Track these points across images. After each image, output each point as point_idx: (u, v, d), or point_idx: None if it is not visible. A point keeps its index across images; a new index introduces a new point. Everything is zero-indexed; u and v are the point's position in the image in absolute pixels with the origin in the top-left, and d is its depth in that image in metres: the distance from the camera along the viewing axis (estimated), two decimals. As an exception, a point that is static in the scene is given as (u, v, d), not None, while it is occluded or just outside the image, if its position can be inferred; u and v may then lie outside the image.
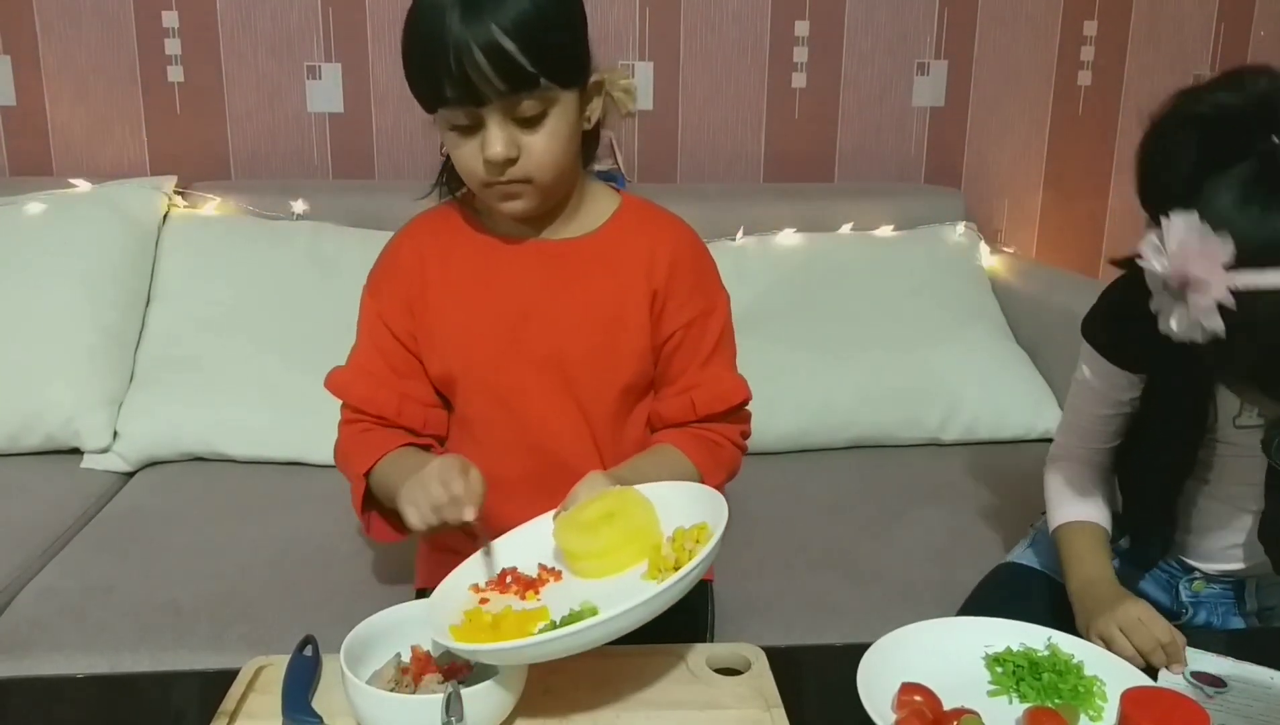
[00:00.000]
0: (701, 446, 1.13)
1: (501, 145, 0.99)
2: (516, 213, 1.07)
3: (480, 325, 1.11)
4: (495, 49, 0.95)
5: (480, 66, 0.95)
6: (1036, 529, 1.34)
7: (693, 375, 1.13)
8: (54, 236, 1.78)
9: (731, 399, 1.14)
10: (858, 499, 1.64)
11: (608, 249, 1.12)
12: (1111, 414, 1.18)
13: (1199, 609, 1.20)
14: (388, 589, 1.36)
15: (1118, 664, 0.95)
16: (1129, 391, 1.16)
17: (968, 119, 2.23)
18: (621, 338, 1.11)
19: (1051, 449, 1.27)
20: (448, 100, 0.98)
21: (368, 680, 0.85)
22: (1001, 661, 0.94)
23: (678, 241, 1.14)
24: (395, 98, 2.08)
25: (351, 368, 1.15)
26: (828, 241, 1.95)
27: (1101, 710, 0.89)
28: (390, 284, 1.15)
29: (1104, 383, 1.17)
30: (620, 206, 1.15)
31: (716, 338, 1.14)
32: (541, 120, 1.00)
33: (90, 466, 1.71)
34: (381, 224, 1.87)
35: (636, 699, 0.89)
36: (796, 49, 2.15)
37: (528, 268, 1.11)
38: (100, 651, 1.24)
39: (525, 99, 0.98)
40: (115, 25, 2.01)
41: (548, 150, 1.01)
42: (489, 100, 0.97)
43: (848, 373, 1.80)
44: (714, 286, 1.16)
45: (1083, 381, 1.19)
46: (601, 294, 1.11)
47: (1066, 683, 0.91)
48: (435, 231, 1.16)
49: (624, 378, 1.13)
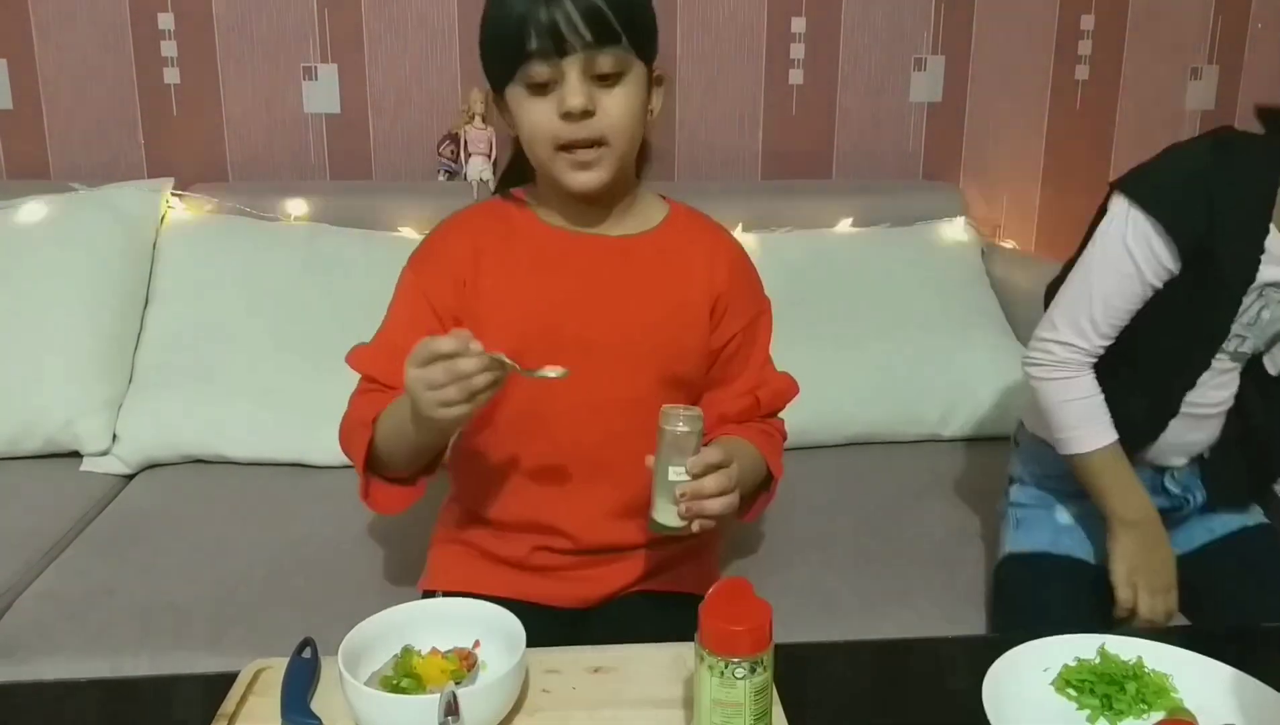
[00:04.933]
0: (762, 437, 1.17)
1: (581, 96, 1.02)
2: (589, 184, 1.07)
3: (535, 312, 1.11)
4: (587, 1, 0.99)
5: (570, 15, 0.99)
6: (1012, 506, 1.36)
7: (753, 376, 1.19)
8: (52, 240, 1.78)
9: (789, 395, 1.21)
10: (857, 496, 1.64)
11: (665, 248, 1.15)
12: (1137, 303, 1.16)
13: (1194, 495, 1.29)
14: (387, 590, 1.36)
15: (1169, 654, 0.93)
16: (1168, 277, 1.14)
17: (965, 114, 2.23)
18: (679, 336, 1.14)
19: (1055, 353, 1.22)
20: (531, 53, 1.00)
21: (366, 681, 0.85)
22: (1073, 683, 0.91)
23: (734, 249, 1.20)
24: (392, 99, 2.08)
25: (376, 342, 1.15)
26: (826, 238, 1.95)
27: (1181, 702, 0.89)
28: (439, 262, 1.15)
29: (1149, 266, 1.14)
30: (671, 211, 1.19)
31: (768, 341, 1.21)
32: (618, 80, 1.04)
33: (89, 469, 1.71)
34: (379, 225, 1.88)
35: (636, 698, 0.89)
36: (793, 45, 2.15)
37: (587, 260, 1.13)
38: (100, 654, 1.24)
39: (606, 53, 1.01)
40: (111, 28, 2.01)
41: (623, 111, 1.04)
42: (572, 50, 1.00)
43: (847, 369, 1.80)
44: (762, 292, 1.23)
45: (1120, 266, 1.15)
46: (660, 291, 1.13)
47: (1149, 687, 0.89)
48: (489, 221, 1.16)
49: (676, 374, 1.14)
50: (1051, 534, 1.30)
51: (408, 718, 0.80)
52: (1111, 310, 1.18)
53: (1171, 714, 0.87)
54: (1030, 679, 0.92)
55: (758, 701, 0.79)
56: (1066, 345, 1.21)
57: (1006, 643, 0.94)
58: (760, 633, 0.78)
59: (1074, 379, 1.21)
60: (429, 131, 2.08)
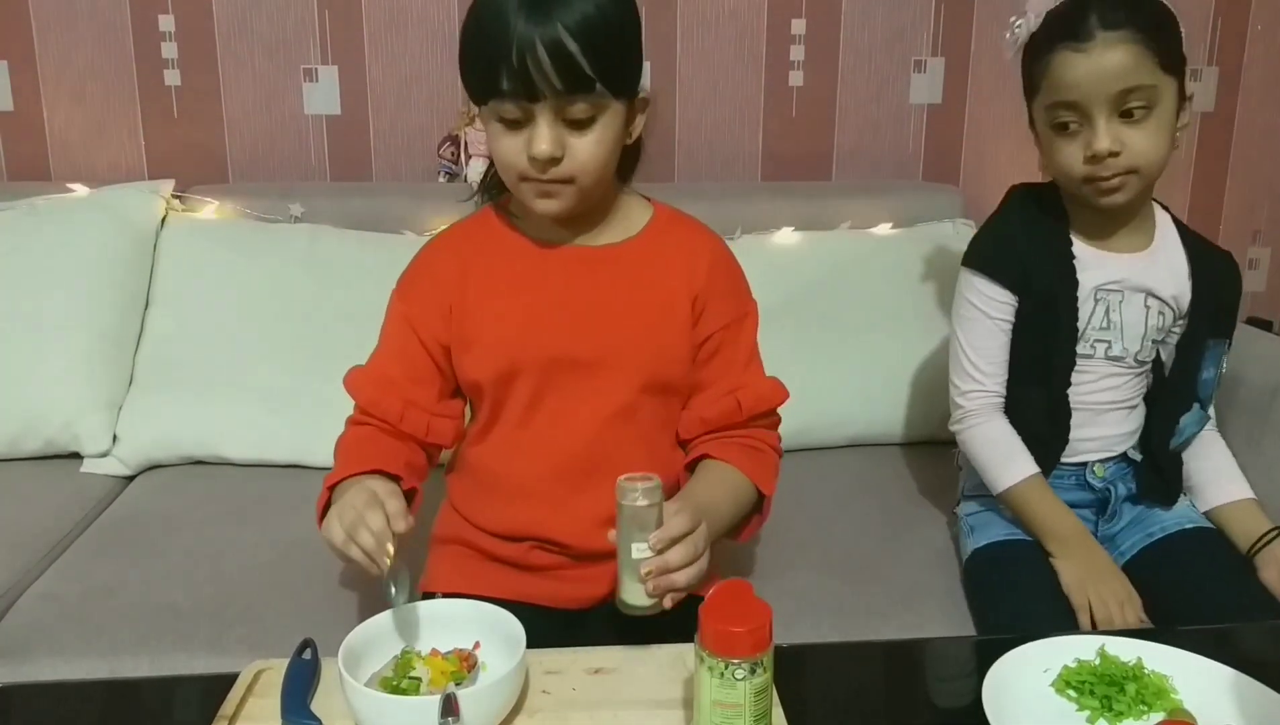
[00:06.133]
0: (748, 456, 1.14)
1: (548, 143, 1.00)
2: (551, 212, 1.07)
3: (520, 329, 1.11)
4: (558, 47, 0.96)
5: (541, 63, 0.96)
6: (966, 518, 1.44)
7: (735, 377, 1.16)
8: (52, 241, 1.78)
9: (774, 400, 1.18)
10: (856, 497, 1.65)
11: (647, 254, 1.14)
12: (1006, 339, 1.37)
13: (1117, 486, 1.39)
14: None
15: (1169, 655, 0.94)
16: (1011, 312, 1.36)
17: (965, 116, 2.23)
18: (663, 341, 1.13)
19: (962, 406, 1.41)
20: (502, 92, 0.99)
21: (366, 682, 0.85)
22: (1073, 684, 0.91)
23: (715, 248, 1.18)
24: (392, 100, 2.08)
25: (367, 369, 1.16)
26: (826, 240, 1.95)
27: (1181, 703, 0.89)
28: (425, 290, 1.15)
29: (992, 307, 1.36)
30: (654, 215, 1.17)
31: (752, 343, 1.18)
32: (590, 125, 1.02)
33: (90, 470, 1.71)
34: (379, 226, 1.88)
35: (636, 699, 0.89)
36: (793, 47, 2.15)
37: (568, 272, 1.12)
38: (100, 655, 1.24)
39: (579, 101, 0.99)
40: (112, 29, 2.01)
41: (592, 156, 1.03)
42: (543, 97, 0.99)
43: (847, 370, 1.80)
44: (747, 293, 1.20)
45: (972, 318, 1.38)
46: (643, 298, 1.13)
47: (1149, 688, 0.90)
48: (473, 238, 1.17)
49: (663, 381, 1.14)
50: (1006, 527, 1.38)
51: (408, 718, 0.81)
52: (983, 352, 1.38)
53: (1171, 714, 0.87)
54: (1030, 680, 0.92)
55: (758, 702, 0.79)
56: (967, 394, 1.40)
57: (1006, 643, 0.94)
58: (760, 634, 0.78)
59: (987, 423, 1.38)
60: (429, 132, 2.08)
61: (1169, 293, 1.36)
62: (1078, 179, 1.28)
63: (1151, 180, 1.29)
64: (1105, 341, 1.35)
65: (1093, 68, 1.21)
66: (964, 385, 1.41)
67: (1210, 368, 1.39)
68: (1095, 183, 1.27)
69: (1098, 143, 1.23)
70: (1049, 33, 1.25)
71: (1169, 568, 1.31)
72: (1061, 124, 1.26)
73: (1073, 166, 1.27)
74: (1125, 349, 1.36)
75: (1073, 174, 1.28)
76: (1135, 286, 1.35)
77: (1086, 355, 1.35)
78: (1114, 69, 1.21)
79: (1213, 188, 2.34)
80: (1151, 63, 1.22)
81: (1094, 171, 1.26)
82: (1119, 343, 1.35)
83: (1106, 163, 1.24)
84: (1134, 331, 1.35)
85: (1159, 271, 1.36)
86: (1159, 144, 1.25)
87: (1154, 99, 1.23)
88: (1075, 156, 1.26)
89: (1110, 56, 1.21)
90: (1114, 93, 1.22)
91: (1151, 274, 1.35)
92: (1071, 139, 1.26)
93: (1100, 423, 1.38)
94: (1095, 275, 1.34)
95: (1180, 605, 1.25)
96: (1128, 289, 1.35)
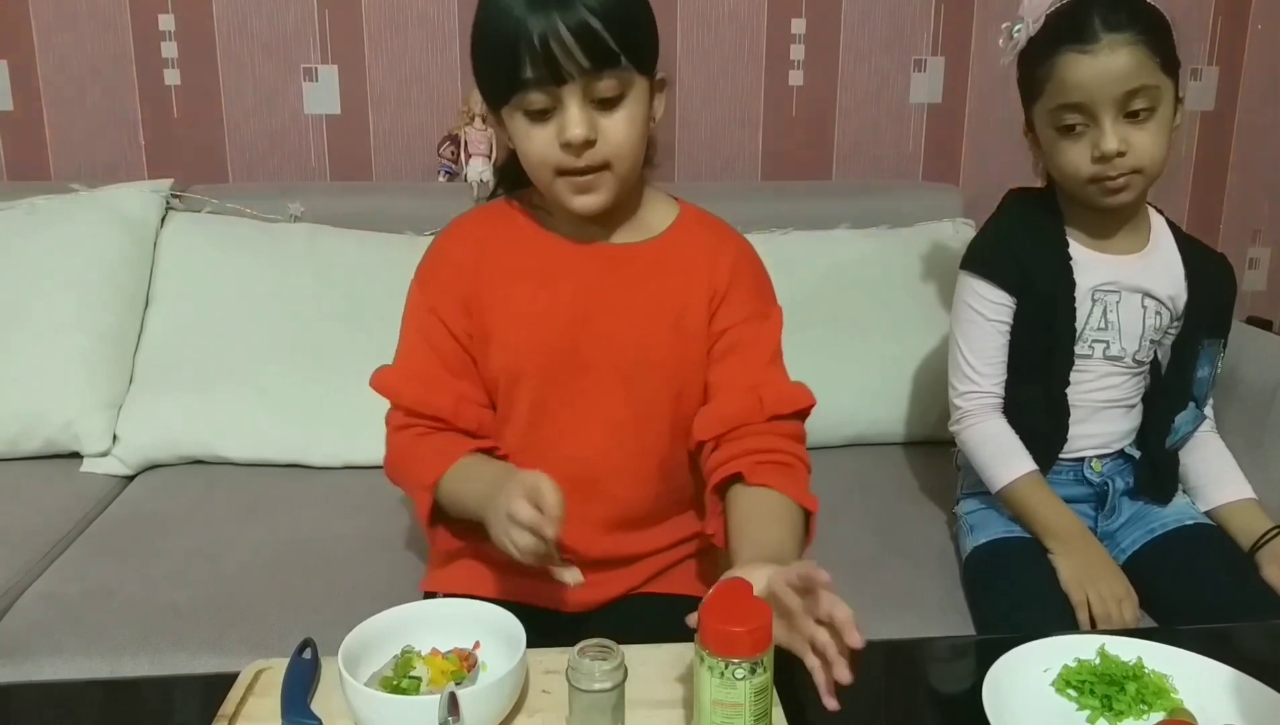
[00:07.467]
0: (785, 476, 1.06)
1: (581, 126, 0.98)
2: (591, 207, 1.04)
3: (540, 327, 1.09)
4: (581, 24, 0.95)
5: (565, 42, 0.95)
6: (965, 516, 1.45)
7: (757, 374, 1.11)
8: (52, 240, 1.78)
9: (799, 402, 1.12)
10: (856, 497, 1.64)
11: (672, 254, 1.12)
12: (1004, 341, 1.38)
13: (1114, 481, 1.40)
14: (387, 591, 1.35)
15: (1169, 654, 0.94)
16: (1008, 313, 1.37)
17: (965, 116, 2.23)
18: (685, 343, 1.11)
19: (961, 406, 1.42)
20: (526, 81, 0.97)
21: (366, 681, 0.85)
22: (1073, 684, 0.91)
23: (740, 248, 1.15)
24: (392, 99, 2.08)
25: (401, 367, 1.12)
26: (826, 240, 1.95)
27: (1181, 703, 0.89)
28: (444, 279, 1.12)
29: (990, 309, 1.37)
30: (681, 214, 1.15)
31: (775, 345, 1.14)
32: (619, 103, 1.00)
33: (90, 470, 1.71)
34: (379, 226, 1.88)
35: (637, 698, 0.89)
36: (793, 47, 2.15)
37: (592, 270, 1.10)
38: (100, 655, 1.24)
39: (606, 77, 0.98)
40: (111, 28, 2.01)
41: (626, 136, 1.01)
42: (570, 79, 0.97)
43: (847, 370, 1.80)
44: (771, 296, 1.17)
45: (970, 320, 1.39)
46: (666, 299, 1.10)
47: (1149, 687, 0.89)
48: (492, 227, 1.14)
49: (681, 383, 1.11)
50: (1005, 525, 1.38)
51: (408, 718, 0.80)
52: (981, 353, 1.39)
53: (1171, 714, 0.87)
54: (1030, 679, 0.92)
55: (758, 702, 0.79)
56: (965, 395, 1.41)
57: (1006, 643, 0.94)
58: (760, 633, 0.78)
59: (985, 422, 1.39)
60: (429, 132, 2.08)
61: (1165, 293, 1.37)
62: (1084, 180, 1.28)
63: (1153, 180, 1.30)
64: (1103, 341, 1.36)
65: (1099, 69, 1.22)
66: (962, 386, 1.42)
67: (1205, 367, 1.40)
68: (1102, 183, 1.27)
69: (1105, 143, 1.23)
70: (1051, 35, 1.25)
71: (1170, 564, 1.32)
72: (1067, 126, 1.26)
73: (1079, 168, 1.27)
74: (1123, 349, 1.37)
75: (1079, 175, 1.28)
76: (1132, 287, 1.36)
77: (1085, 355, 1.36)
78: (1120, 70, 1.21)
79: (1213, 188, 2.34)
80: (1154, 64, 1.23)
81: (1101, 172, 1.26)
82: (1117, 343, 1.36)
83: (1114, 163, 1.25)
84: (1131, 331, 1.36)
85: (1155, 272, 1.37)
86: (1161, 144, 1.26)
87: (1156, 100, 1.24)
88: (1082, 158, 1.27)
89: (1116, 58, 1.22)
90: (1120, 94, 1.22)
91: (1148, 275, 1.36)
92: (1077, 140, 1.27)
93: (1099, 421, 1.39)
94: (1092, 276, 1.35)
95: (1181, 601, 1.26)
96: (1124, 289, 1.35)
